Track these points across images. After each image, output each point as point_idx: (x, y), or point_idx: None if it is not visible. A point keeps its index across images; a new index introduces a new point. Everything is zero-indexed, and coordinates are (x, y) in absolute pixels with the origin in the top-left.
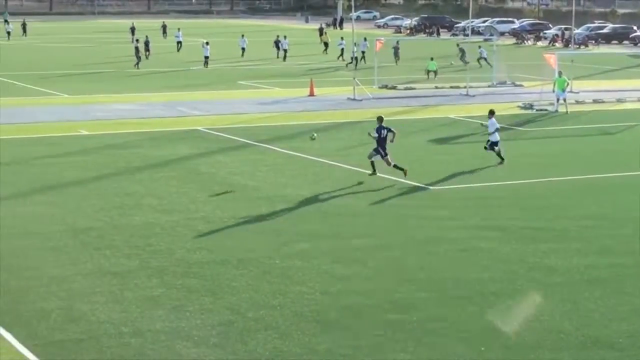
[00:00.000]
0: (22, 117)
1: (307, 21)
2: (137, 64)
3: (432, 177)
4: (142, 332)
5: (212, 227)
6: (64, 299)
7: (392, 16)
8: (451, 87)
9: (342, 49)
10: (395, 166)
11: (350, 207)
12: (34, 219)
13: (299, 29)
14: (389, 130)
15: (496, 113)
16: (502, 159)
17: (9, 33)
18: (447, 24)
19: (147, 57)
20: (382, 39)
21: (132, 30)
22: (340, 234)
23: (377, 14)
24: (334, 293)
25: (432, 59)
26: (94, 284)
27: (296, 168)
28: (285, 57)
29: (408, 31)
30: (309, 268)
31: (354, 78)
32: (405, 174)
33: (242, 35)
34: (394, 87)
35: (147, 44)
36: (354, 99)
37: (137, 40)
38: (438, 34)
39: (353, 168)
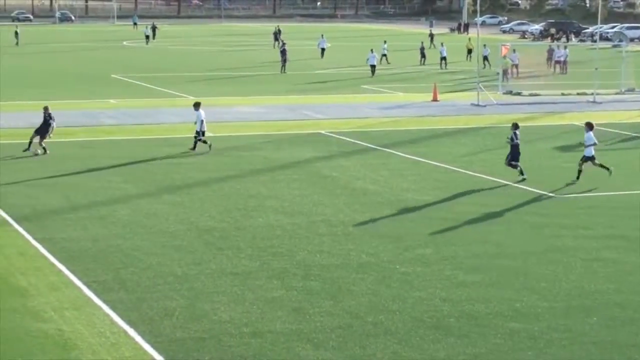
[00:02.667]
0: (148, 118)
1: (431, 25)
2: (283, 67)
3: (556, 185)
4: (262, 333)
5: (333, 230)
6: (187, 298)
7: (518, 21)
8: (578, 94)
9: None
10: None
11: (472, 214)
12: (160, 218)
13: (423, 33)
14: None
15: (622, 121)
16: (608, 169)
17: (147, 37)
18: (575, 30)
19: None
20: (508, 44)
21: (276, 34)
22: (461, 241)
23: (502, 19)
24: (454, 300)
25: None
26: (216, 284)
27: (418, 173)
28: (445, 64)
29: (533, 37)
30: (429, 274)
31: (478, 83)
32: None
33: (385, 42)
34: (518, 93)
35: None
36: (478, 105)
37: (284, 43)
38: (568, 39)
39: (476, 174)
